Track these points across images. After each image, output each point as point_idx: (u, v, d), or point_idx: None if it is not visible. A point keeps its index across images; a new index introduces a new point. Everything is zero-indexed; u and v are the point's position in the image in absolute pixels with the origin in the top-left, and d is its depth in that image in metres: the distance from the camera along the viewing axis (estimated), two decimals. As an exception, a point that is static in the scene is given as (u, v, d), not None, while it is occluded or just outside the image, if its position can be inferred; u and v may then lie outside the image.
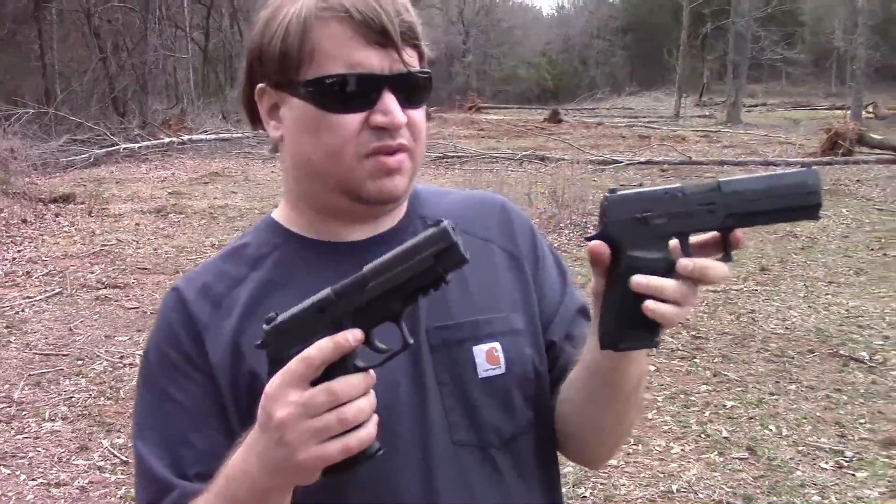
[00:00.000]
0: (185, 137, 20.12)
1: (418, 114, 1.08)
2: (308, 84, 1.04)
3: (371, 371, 0.91)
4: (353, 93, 1.03)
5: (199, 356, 1.08)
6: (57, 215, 11.40)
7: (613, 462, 4.29)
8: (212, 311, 1.11)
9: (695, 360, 5.78)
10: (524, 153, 18.39)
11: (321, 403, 0.87)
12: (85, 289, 7.76)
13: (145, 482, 1.07)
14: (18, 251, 9.35)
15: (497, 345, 1.13)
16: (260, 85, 1.09)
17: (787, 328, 6.47)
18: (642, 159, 17.28)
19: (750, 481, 4.10)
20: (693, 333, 6.32)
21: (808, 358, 5.78)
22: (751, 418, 4.80)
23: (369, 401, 0.90)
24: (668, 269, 0.96)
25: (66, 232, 10.48)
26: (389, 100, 1.03)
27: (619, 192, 0.99)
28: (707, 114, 35.09)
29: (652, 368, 5.59)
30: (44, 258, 9.01)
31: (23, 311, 7.08)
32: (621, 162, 16.80)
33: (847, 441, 4.49)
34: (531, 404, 1.16)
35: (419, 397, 1.09)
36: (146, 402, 1.11)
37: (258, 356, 0.98)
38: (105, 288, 7.77)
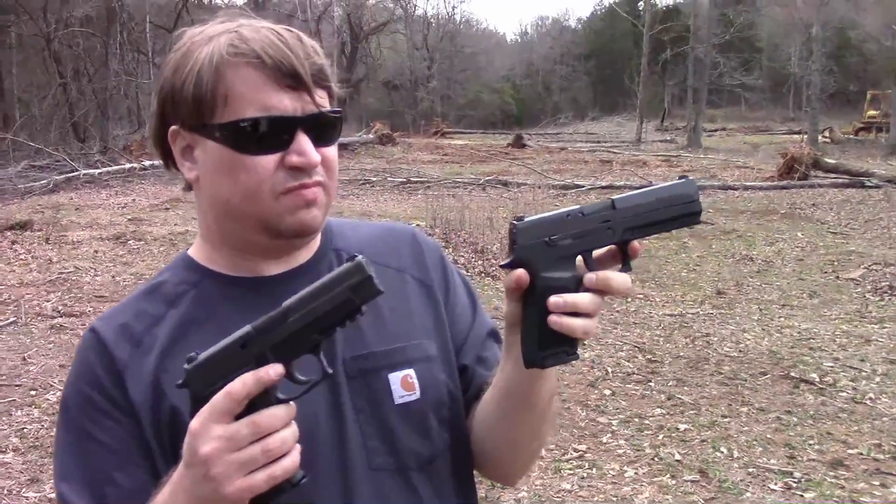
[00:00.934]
0: (147, 163, 19.93)
1: (331, 151, 1.11)
2: (223, 127, 1.06)
3: (292, 402, 0.94)
4: (268, 134, 1.05)
5: (121, 396, 1.09)
6: (13, 243, 11.26)
7: (567, 486, 4.33)
8: (132, 350, 1.12)
9: (650, 383, 5.84)
10: (487, 178, 18.54)
11: (245, 436, 0.90)
12: (40, 317, 7.66)
13: None
14: (-28, 279, 9.22)
15: (411, 371, 1.17)
16: (173, 127, 1.11)
17: (740, 351, 6.57)
18: (604, 184, 17.50)
19: (701, 503, 4.15)
20: (649, 357, 6.40)
21: (760, 380, 5.87)
22: (703, 441, 4.86)
23: (292, 431, 0.93)
24: (577, 286, 1.03)
25: (22, 260, 10.34)
26: (303, 140, 1.06)
27: (525, 220, 1.04)
28: (668, 138, 35.70)
29: (608, 393, 5.64)
30: (-2, 286, 8.89)
31: (-25, 340, 6.97)
32: (583, 186, 16.98)
33: (796, 462, 4.56)
34: (447, 427, 1.21)
35: (338, 425, 1.13)
36: (68, 443, 1.11)
37: (179, 393, 1.00)
38: (61, 317, 7.67)
